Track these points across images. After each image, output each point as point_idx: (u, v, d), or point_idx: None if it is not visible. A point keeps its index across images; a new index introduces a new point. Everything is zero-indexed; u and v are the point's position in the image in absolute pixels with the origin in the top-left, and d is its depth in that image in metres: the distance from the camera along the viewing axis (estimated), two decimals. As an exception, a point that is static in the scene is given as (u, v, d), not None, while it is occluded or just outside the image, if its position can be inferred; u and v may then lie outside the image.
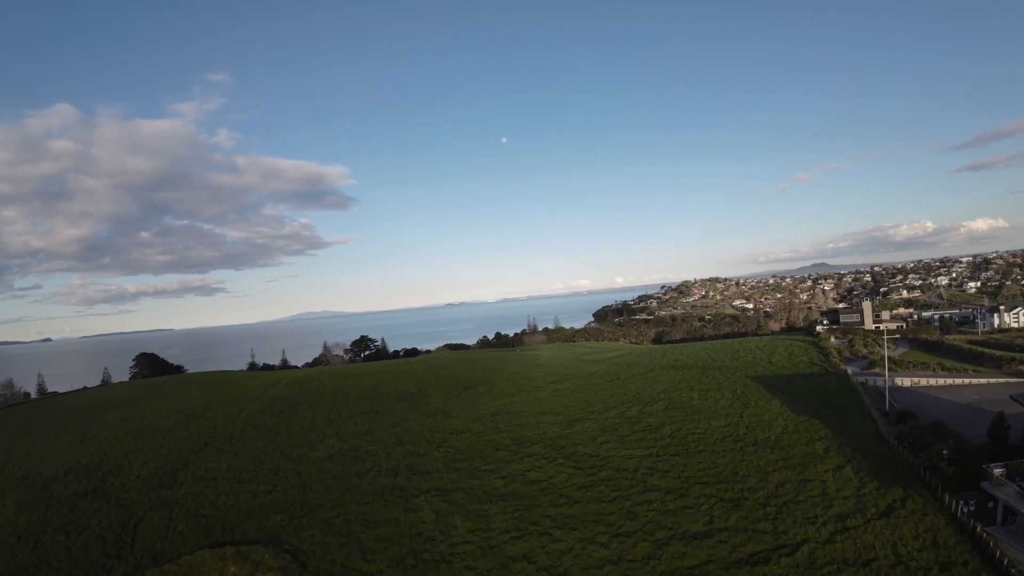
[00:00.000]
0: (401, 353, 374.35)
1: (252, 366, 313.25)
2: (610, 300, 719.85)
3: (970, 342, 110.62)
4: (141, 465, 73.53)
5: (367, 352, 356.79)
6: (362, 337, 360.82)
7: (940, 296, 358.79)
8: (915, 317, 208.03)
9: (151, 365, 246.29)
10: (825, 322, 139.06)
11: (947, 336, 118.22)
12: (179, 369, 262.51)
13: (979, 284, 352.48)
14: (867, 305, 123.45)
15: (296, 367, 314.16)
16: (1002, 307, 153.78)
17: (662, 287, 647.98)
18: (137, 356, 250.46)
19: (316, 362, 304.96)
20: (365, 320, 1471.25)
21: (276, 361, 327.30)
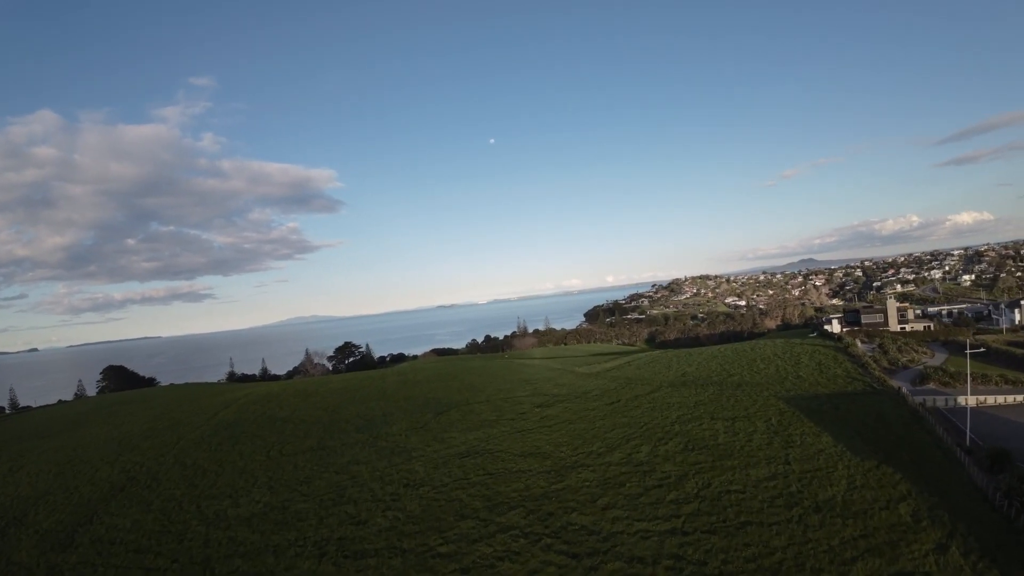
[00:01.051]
0: (388, 359, 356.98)
1: (231, 376, 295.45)
2: (601, 299, 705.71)
3: (1010, 344, 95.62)
4: (47, 515, 59.04)
5: (351, 359, 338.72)
6: (346, 344, 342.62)
7: (935, 290, 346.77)
8: (920, 313, 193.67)
9: (119, 378, 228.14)
10: (841, 322, 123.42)
11: (985, 337, 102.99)
12: (150, 382, 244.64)
13: (973, 277, 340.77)
14: (891, 304, 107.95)
15: (277, 376, 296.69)
16: (1023, 302, 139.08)
17: (653, 285, 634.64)
18: (105, 369, 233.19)
19: (295, 372, 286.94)
20: (355, 324, 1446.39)
21: (257, 370, 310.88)
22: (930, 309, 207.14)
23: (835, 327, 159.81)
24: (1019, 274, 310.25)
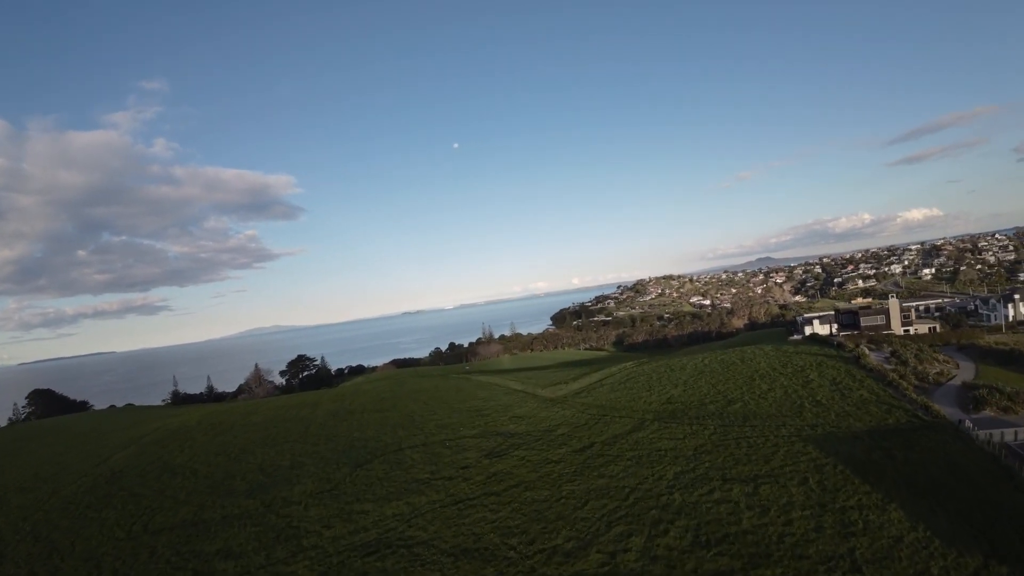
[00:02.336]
0: (345, 371, 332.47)
1: (175, 396, 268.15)
2: (567, 301, 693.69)
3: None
4: None
5: (305, 373, 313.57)
6: (299, 357, 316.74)
7: (897, 284, 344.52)
8: (922, 308, 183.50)
9: (46, 403, 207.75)
10: (832, 322, 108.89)
11: (991, 337, 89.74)
12: (82, 405, 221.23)
13: (934, 271, 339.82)
14: (894, 304, 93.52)
15: (222, 396, 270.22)
16: (1017, 296, 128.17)
17: (618, 287, 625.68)
18: (31, 393, 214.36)
19: (239, 391, 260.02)
20: (318, 334, 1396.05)
21: (204, 387, 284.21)
22: (906, 304, 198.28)
23: (817, 327, 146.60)
24: (979, 267, 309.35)
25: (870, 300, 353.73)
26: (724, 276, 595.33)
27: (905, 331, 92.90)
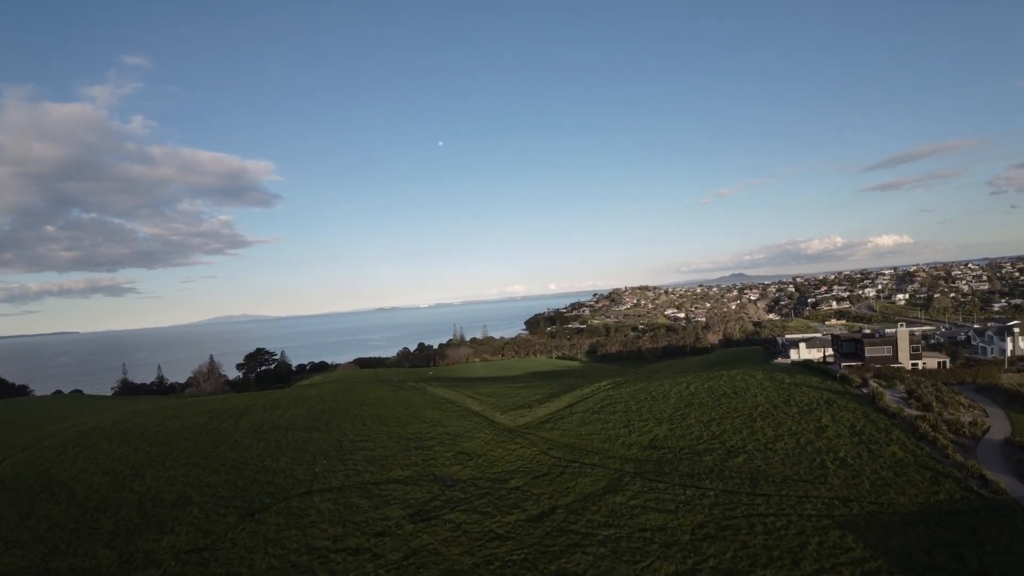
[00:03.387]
0: (308, 367, 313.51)
1: (124, 384, 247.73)
2: (544, 306, 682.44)
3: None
4: None
5: (263, 368, 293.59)
6: (258, 350, 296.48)
7: (871, 308, 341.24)
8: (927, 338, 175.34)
9: None
10: (833, 349, 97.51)
11: (1006, 377, 79.45)
12: (21, 390, 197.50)
13: (907, 296, 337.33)
14: (903, 333, 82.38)
15: (173, 387, 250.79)
16: (1017, 329, 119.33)
17: (594, 294, 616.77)
18: None
19: (187, 384, 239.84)
20: (288, 326, 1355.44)
21: (155, 376, 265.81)
22: (887, 331, 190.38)
23: (804, 351, 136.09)
24: (952, 295, 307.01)
25: (844, 322, 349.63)
26: (699, 290, 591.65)
27: (914, 365, 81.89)
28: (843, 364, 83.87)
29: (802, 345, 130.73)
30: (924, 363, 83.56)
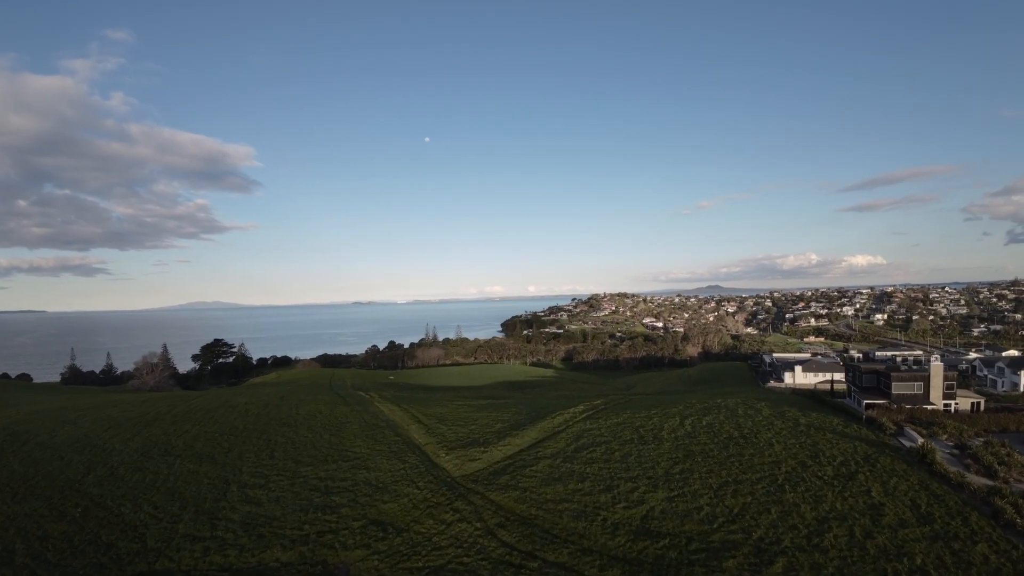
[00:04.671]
0: (269, 361, 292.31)
1: (72, 371, 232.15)
2: (522, 308, 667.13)
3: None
4: None
5: (220, 361, 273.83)
6: (215, 342, 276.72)
7: (849, 327, 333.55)
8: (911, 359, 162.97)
9: None
10: (846, 375, 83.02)
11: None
12: None
13: (886, 317, 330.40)
14: (937, 368, 68.10)
15: (119, 378, 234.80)
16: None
17: (573, 299, 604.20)
18: None
19: (128, 376, 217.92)
20: (261, 315, 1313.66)
21: (104, 365, 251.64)
22: (878, 354, 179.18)
23: (800, 375, 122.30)
24: (931, 317, 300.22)
25: (823, 339, 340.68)
26: (677, 300, 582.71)
27: (946, 406, 67.75)
28: (865, 401, 69.12)
29: (798, 368, 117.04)
30: (958, 403, 69.38)
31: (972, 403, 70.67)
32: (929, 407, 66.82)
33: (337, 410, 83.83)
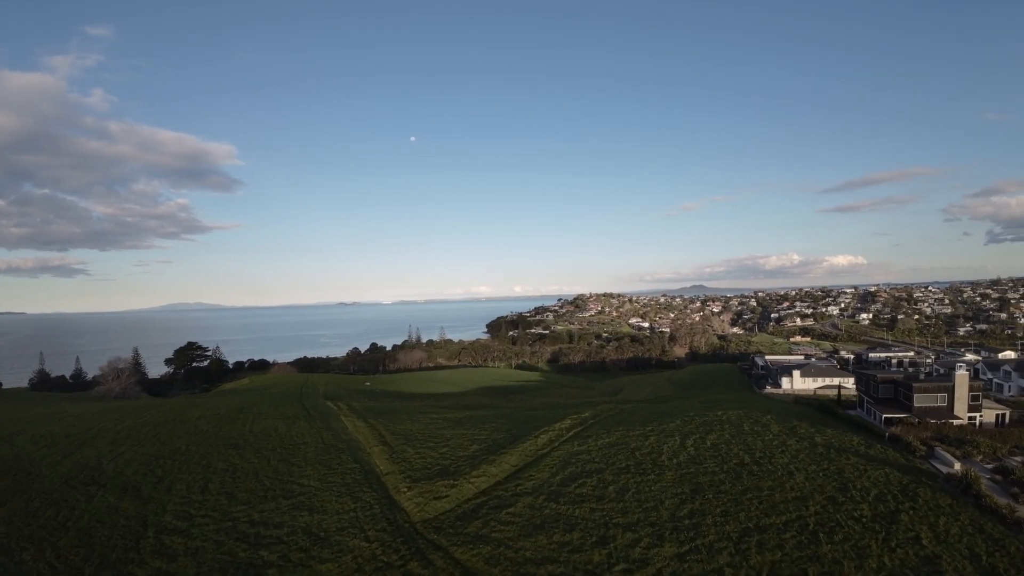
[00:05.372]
0: (246, 365, 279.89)
1: (41, 376, 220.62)
2: (508, 309, 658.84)
3: None
4: None
5: (193, 365, 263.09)
6: (189, 345, 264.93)
7: (835, 326, 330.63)
8: (894, 361, 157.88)
9: None
10: (862, 396, 75.78)
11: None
12: None
13: (871, 316, 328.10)
14: (963, 377, 61.01)
15: (88, 384, 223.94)
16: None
17: (559, 299, 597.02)
18: None
19: (94, 382, 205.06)
20: (243, 316, 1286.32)
21: (74, 370, 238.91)
22: (871, 356, 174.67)
23: (798, 381, 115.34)
24: (916, 317, 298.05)
25: (810, 339, 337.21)
26: (663, 300, 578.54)
27: (971, 419, 60.80)
28: (884, 416, 61.75)
29: (796, 373, 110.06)
30: (983, 416, 62.44)
31: (997, 415, 63.78)
32: (955, 421, 59.65)
33: (295, 427, 74.53)
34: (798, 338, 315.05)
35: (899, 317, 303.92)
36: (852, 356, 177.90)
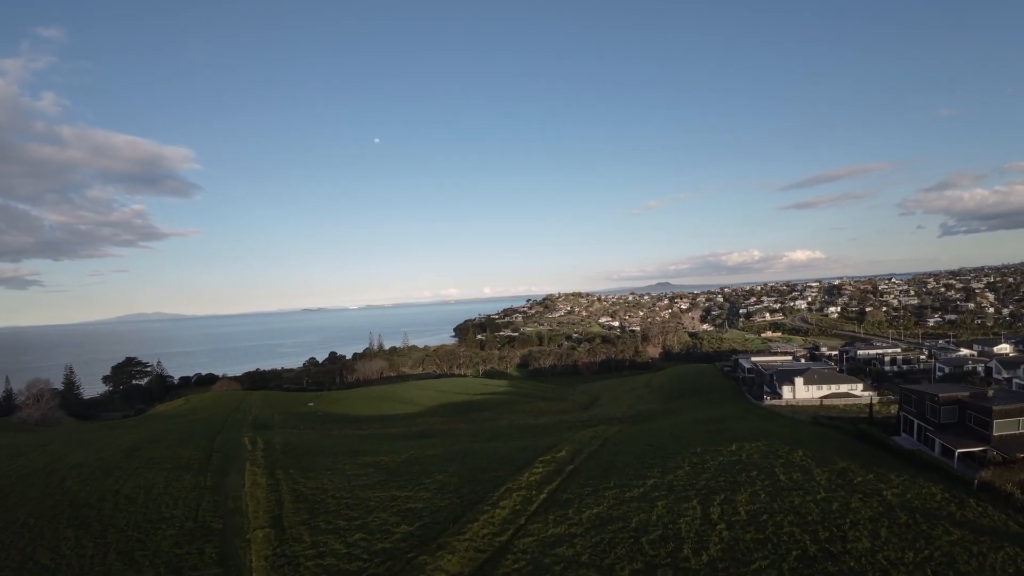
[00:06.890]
0: (192, 380, 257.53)
1: None
2: (477, 311, 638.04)
3: None
4: None
5: (132, 383, 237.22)
6: (127, 361, 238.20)
7: (805, 320, 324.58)
8: (887, 359, 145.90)
9: None
10: (906, 415, 60.27)
11: None
12: None
13: (839, 309, 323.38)
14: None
15: (13, 407, 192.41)
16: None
17: (528, 300, 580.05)
18: None
19: (12, 407, 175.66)
20: (202, 326, 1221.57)
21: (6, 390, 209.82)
22: (860, 353, 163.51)
23: (801, 389, 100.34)
24: (884, 309, 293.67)
25: (780, 334, 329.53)
26: (631, 298, 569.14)
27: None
28: (957, 450, 45.89)
29: (799, 381, 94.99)
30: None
31: None
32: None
33: (176, 486, 53.78)
34: (769, 333, 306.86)
35: (867, 310, 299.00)
36: (835, 353, 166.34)
